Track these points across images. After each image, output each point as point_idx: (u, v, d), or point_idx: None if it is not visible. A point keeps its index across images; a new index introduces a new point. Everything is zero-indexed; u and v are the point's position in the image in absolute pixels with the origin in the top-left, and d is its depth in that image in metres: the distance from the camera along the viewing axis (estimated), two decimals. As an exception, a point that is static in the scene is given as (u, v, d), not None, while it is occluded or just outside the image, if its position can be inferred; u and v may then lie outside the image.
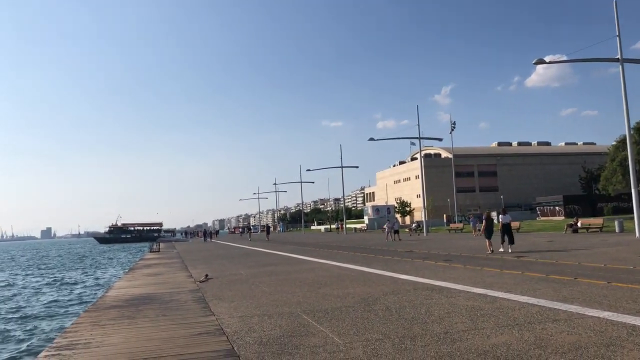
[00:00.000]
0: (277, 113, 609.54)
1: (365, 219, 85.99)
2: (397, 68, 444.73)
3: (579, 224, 34.44)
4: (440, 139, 54.16)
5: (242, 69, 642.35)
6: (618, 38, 26.47)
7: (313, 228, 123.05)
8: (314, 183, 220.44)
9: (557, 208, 66.56)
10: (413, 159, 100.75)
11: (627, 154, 29.15)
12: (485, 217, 20.51)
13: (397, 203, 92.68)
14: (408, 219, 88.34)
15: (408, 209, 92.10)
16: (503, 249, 19.13)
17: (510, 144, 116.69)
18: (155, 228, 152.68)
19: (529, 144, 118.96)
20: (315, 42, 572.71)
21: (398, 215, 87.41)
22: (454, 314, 7.37)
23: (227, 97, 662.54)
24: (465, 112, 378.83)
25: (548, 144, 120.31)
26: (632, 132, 28.77)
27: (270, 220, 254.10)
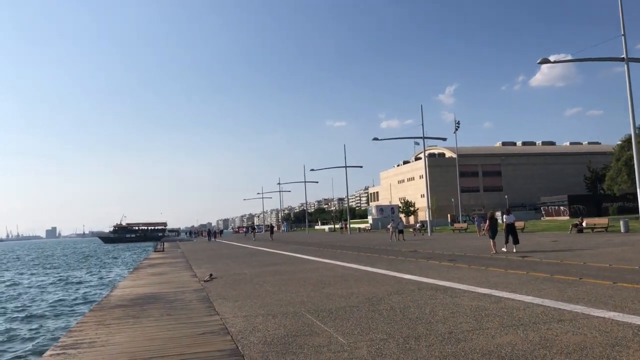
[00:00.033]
0: (279, 113, 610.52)
1: (369, 219, 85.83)
2: (398, 68, 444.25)
3: (584, 224, 34.30)
4: (445, 139, 54.29)
5: (242, 69, 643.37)
6: (623, 37, 26.42)
7: (317, 228, 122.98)
8: (318, 183, 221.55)
9: (561, 208, 66.39)
10: (417, 159, 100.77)
11: (632, 154, 29.08)
12: (489, 217, 20.50)
13: (401, 203, 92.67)
14: (412, 219, 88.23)
15: (412, 209, 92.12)
16: (506, 249, 19.04)
17: (515, 144, 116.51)
18: (160, 228, 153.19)
19: (534, 144, 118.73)
20: (316, 42, 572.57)
21: (402, 215, 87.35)
22: (459, 314, 7.36)
23: (227, 97, 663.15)
24: (470, 111, 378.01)
25: (553, 144, 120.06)
26: (637, 131, 28.61)
27: (274, 220, 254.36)
